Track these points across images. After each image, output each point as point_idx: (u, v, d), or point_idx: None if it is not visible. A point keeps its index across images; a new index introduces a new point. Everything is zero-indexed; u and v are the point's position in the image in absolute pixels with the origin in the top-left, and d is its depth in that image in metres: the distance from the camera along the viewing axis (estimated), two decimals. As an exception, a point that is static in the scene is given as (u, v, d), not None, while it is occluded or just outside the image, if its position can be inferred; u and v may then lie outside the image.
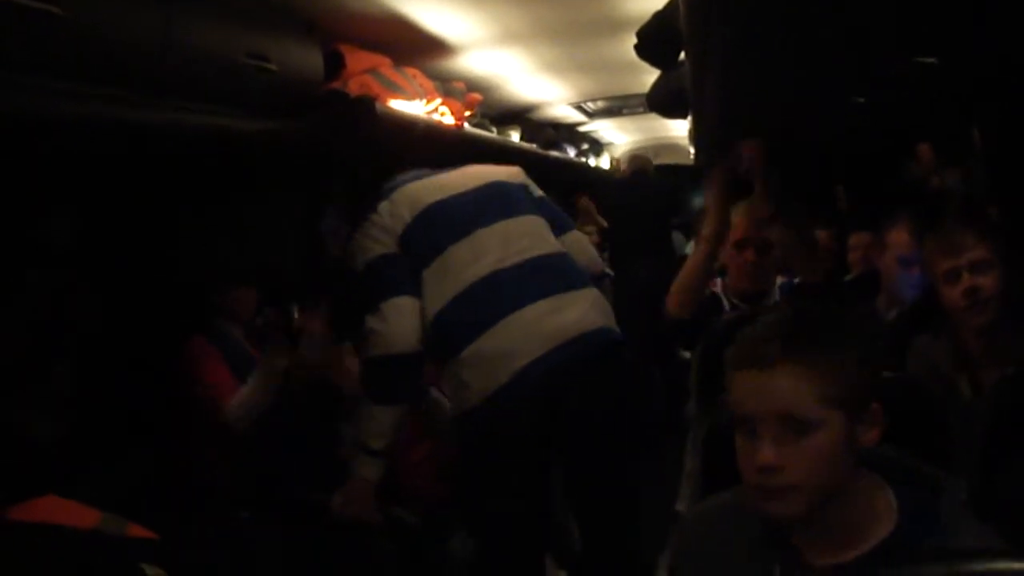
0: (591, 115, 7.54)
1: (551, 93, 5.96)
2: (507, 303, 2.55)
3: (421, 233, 2.67)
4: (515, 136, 6.35)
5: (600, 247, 8.10)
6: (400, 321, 2.60)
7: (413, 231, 2.68)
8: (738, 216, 3.04)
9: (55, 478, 1.93)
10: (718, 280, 3.14)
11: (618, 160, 9.76)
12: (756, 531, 1.40)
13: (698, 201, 8.94)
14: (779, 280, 3.07)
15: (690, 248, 5.56)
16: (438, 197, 2.73)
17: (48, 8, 1.78)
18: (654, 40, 3.41)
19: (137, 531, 1.83)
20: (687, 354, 3.31)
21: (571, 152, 8.17)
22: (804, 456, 1.29)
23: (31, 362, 2.92)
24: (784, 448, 1.30)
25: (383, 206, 2.72)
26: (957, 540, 1.28)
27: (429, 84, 4.08)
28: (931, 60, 2.46)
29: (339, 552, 2.70)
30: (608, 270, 3.82)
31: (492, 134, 5.63)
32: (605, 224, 7.93)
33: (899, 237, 3.01)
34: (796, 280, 3.10)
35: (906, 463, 1.43)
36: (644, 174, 7.54)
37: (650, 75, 4.33)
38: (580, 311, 2.60)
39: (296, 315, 3.58)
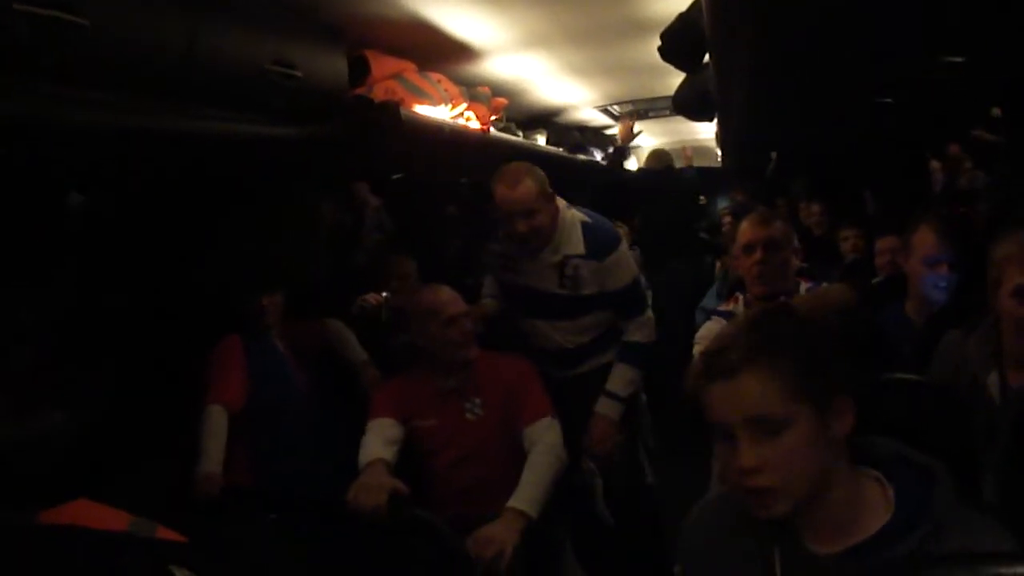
0: (617, 118, 7.52)
1: (577, 96, 5.95)
2: None
3: None
4: (541, 140, 6.36)
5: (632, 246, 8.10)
6: None
7: None
8: (744, 224, 3.05)
9: (85, 481, 1.95)
10: (739, 296, 3.11)
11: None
12: (756, 522, 1.43)
13: (724, 204, 8.93)
14: (805, 284, 3.04)
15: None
16: None
17: (76, 20, 1.80)
18: (678, 42, 3.42)
19: (166, 534, 1.85)
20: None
21: (598, 155, 8.16)
22: (781, 454, 1.35)
23: (62, 365, 2.97)
24: (761, 449, 1.35)
25: None
26: (949, 528, 1.31)
27: (454, 89, 4.09)
28: (958, 59, 2.46)
29: (366, 553, 2.71)
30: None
31: (518, 138, 5.64)
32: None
33: (924, 238, 2.98)
34: (824, 284, 3.08)
35: (902, 454, 1.46)
36: (668, 171, 7.49)
37: (676, 77, 4.33)
38: None
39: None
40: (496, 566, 2.55)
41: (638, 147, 9.89)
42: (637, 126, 6.68)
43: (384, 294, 3.88)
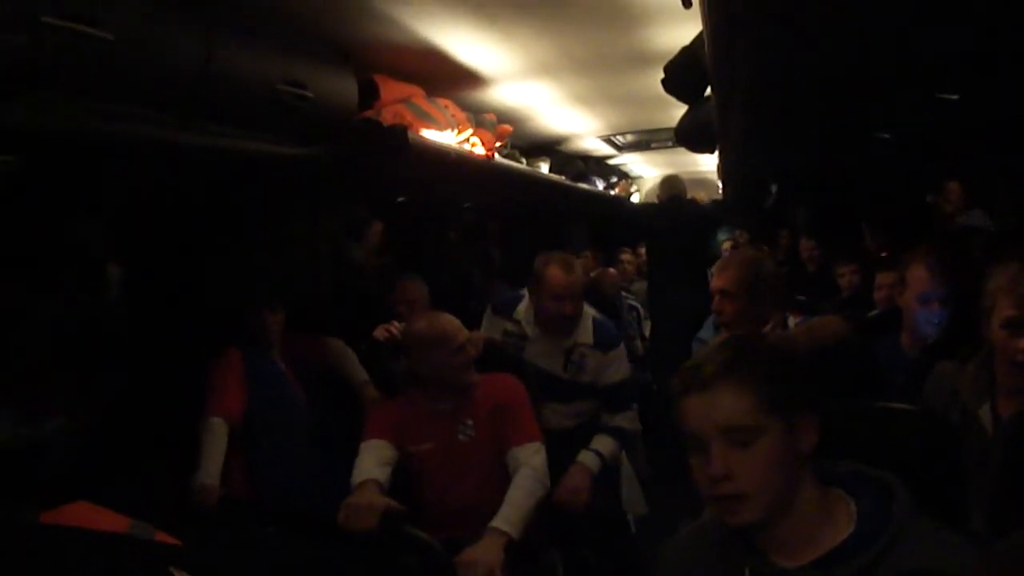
0: (620, 148, 7.58)
1: (581, 125, 6.01)
2: None
3: None
4: (544, 168, 6.40)
5: (638, 274, 8.11)
6: None
7: None
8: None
9: (84, 486, 1.98)
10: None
11: (642, 190, 9.78)
12: (726, 544, 1.52)
13: (722, 236, 8.96)
14: (795, 319, 3.09)
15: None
16: None
17: (101, 34, 1.86)
18: (681, 75, 3.47)
19: (164, 538, 1.89)
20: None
21: (600, 185, 8.21)
22: (751, 463, 1.42)
23: (65, 371, 3.00)
24: (732, 458, 1.42)
25: None
26: (907, 538, 1.38)
27: (461, 115, 4.15)
28: (953, 96, 2.51)
29: (360, 570, 2.73)
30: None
31: (522, 165, 5.69)
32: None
33: (918, 274, 3.02)
34: (814, 318, 3.12)
35: (861, 471, 1.52)
36: (679, 199, 7.44)
37: (678, 109, 4.38)
38: None
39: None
40: None
41: (640, 178, 9.95)
42: (637, 156, 6.72)
43: (397, 324, 3.92)
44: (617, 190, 9.01)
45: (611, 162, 8.43)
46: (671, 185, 7.25)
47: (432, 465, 3.01)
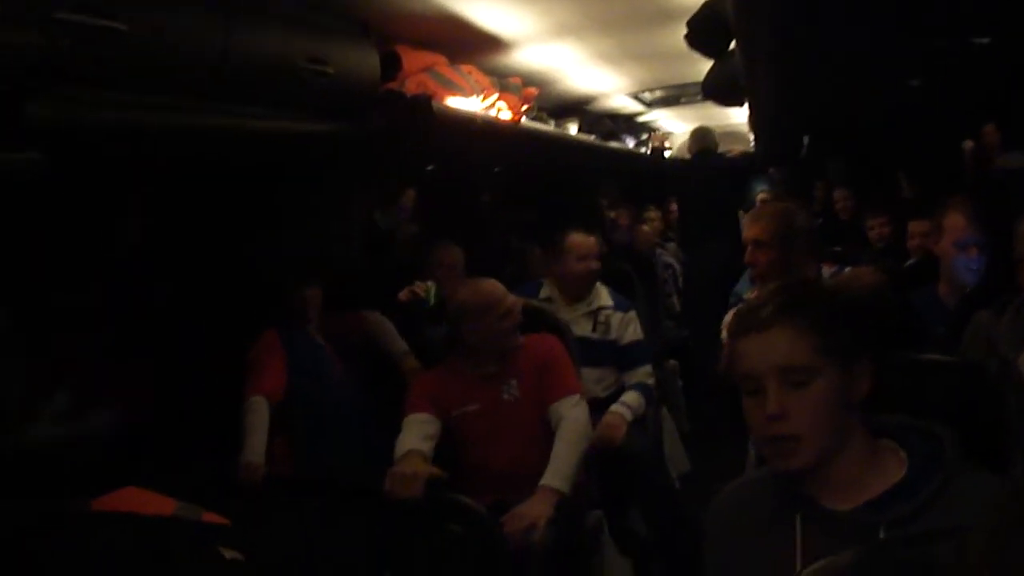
0: (649, 105, 7.51)
1: (608, 84, 5.96)
2: None
3: None
4: (573, 128, 6.37)
5: (665, 233, 8.07)
6: None
7: None
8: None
9: (132, 472, 2.02)
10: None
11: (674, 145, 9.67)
12: (775, 494, 1.52)
13: (758, 188, 8.87)
14: (829, 269, 3.05)
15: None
16: None
17: (114, 25, 1.86)
18: (704, 29, 3.43)
19: (211, 518, 1.92)
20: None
21: (630, 142, 8.16)
22: (805, 404, 1.43)
23: (116, 360, 3.04)
24: (787, 399, 1.43)
25: None
26: (958, 483, 1.39)
27: (485, 80, 4.12)
28: (985, 40, 2.46)
29: (406, 538, 2.76)
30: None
31: (550, 127, 5.66)
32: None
33: (955, 221, 2.99)
34: (847, 269, 3.08)
35: (909, 423, 1.53)
36: (709, 152, 7.36)
37: (706, 63, 4.33)
38: None
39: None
40: (527, 540, 2.60)
41: (671, 134, 9.86)
42: (666, 112, 6.67)
43: (428, 282, 3.96)
44: (652, 143, 8.94)
45: (640, 119, 8.35)
46: (701, 138, 7.20)
47: (478, 427, 3.05)
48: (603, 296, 3.98)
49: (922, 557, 1.26)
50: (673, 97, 7.25)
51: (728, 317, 2.99)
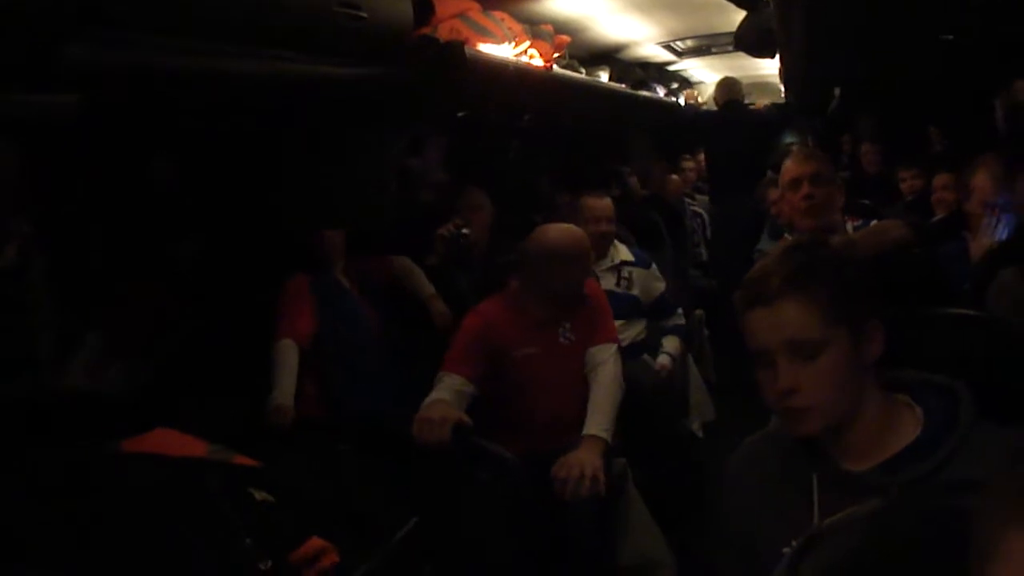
0: (680, 54, 7.47)
1: (639, 33, 5.94)
2: None
3: None
4: (604, 76, 6.35)
5: (698, 183, 8.05)
6: None
7: None
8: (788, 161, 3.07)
9: (163, 413, 2.06)
10: (786, 237, 3.12)
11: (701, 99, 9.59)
12: (792, 452, 1.53)
13: (788, 140, 8.81)
14: (853, 223, 3.05)
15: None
16: None
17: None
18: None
19: (243, 460, 1.96)
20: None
21: (660, 91, 8.12)
22: (817, 375, 1.43)
23: (140, 307, 3.10)
24: (798, 371, 1.43)
25: None
26: (974, 441, 1.38)
27: (517, 27, 4.12)
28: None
29: (436, 483, 2.80)
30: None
31: (581, 75, 5.65)
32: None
33: (983, 181, 2.99)
34: (873, 222, 3.08)
35: (925, 378, 1.52)
36: (736, 103, 7.25)
37: (738, 13, 4.32)
38: None
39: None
40: (580, 489, 2.63)
41: (701, 83, 9.80)
42: (697, 61, 6.61)
43: (458, 221, 4.00)
44: (683, 98, 8.89)
45: (671, 68, 8.32)
46: (728, 88, 7.10)
47: (536, 371, 3.02)
48: (623, 252, 4.06)
49: (943, 506, 1.29)
50: (704, 47, 7.22)
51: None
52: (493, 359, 3.00)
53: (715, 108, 7.37)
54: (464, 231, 3.98)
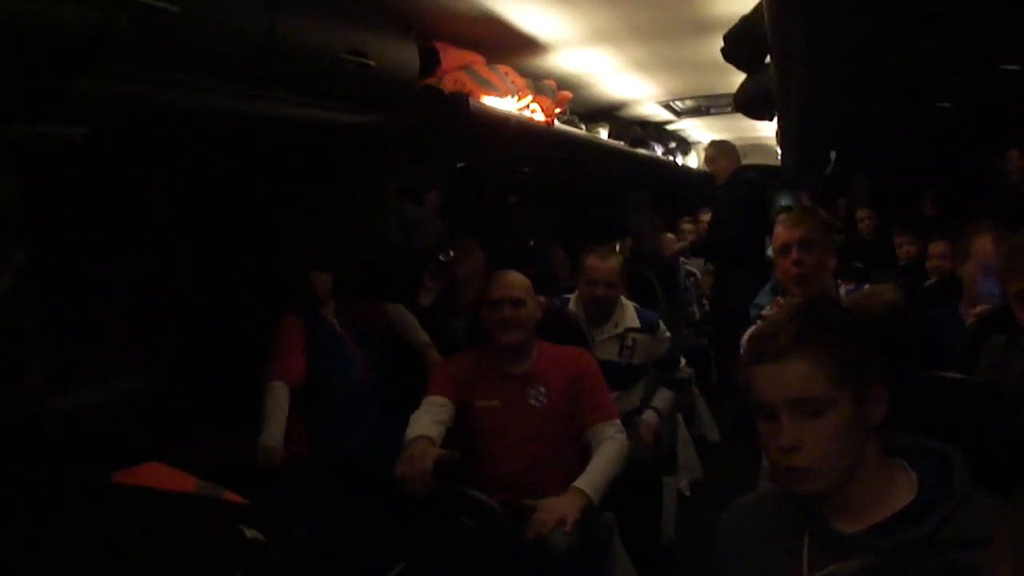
0: (679, 113, 7.53)
1: (640, 91, 5.99)
2: None
3: None
4: (603, 133, 6.40)
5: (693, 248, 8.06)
6: None
7: None
8: (778, 226, 3.09)
9: (153, 448, 2.05)
10: (780, 300, 3.12)
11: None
12: (788, 509, 1.53)
13: (784, 201, 8.88)
14: (845, 287, 3.07)
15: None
16: None
17: (167, 6, 1.90)
18: (740, 43, 3.47)
19: (232, 497, 1.95)
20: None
21: (658, 150, 8.18)
22: (820, 434, 1.42)
23: (139, 333, 3.09)
24: (802, 429, 1.42)
25: None
26: (967, 508, 1.38)
27: (521, 81, 4.17)
28: (1015, 67, 2.49)
29: (420, 527, 2.79)
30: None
31: (581, 131, 5.71)
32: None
33: (983, 245, 3.01)
34: (866, 287, 3.10)
35: (920, 443, 1.52)
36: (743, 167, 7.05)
37: (737, 76, 4.37)
38: None
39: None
40: (551, 535, 2.63)
41: (697, 143, 9.89)
42: (696, 121, 6.64)
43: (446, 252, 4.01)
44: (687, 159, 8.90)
45: (670, 127, 8.38)
46: (730, 154, 7.05)
47: (495, 423, 3.05)
48: (630, 316, 3.89)
49: (939, 562, 1.29)
50: (703, 107, 7.25)
51: (751, 331, 3.02)
52: (461, 403, 3.04)
53: (707, 168, 7.39)
54: (449, 255, 3.99)
